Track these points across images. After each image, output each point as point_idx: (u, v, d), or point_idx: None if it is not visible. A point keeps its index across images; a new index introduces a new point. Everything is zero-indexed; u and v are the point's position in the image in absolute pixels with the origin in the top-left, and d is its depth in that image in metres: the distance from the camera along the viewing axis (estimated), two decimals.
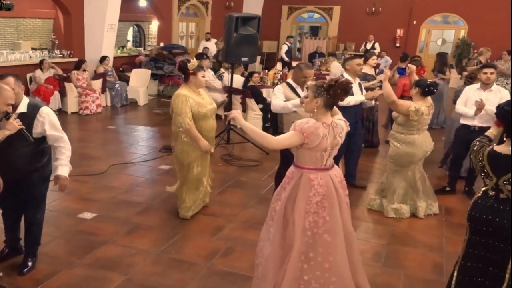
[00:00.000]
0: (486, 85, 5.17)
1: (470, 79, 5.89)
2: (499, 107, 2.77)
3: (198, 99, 4.34)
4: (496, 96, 5.11)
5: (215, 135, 4.70)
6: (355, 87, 5.36)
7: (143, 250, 3.96)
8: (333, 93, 2.84)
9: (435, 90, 4.62)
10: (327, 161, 2.94)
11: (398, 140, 4.72)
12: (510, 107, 2.69)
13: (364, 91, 5.54)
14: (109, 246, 4.00)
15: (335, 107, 3.05)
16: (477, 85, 5.30)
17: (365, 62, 6.85)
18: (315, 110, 2.89)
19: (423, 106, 4.54)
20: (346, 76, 5.40)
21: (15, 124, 3.09)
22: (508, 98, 4.95)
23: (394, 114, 4.82)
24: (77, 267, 3.65)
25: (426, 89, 4.57)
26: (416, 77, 5.08)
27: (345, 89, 2.85)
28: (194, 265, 3.75)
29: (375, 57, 7.32)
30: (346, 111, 5.27)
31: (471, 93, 5.25)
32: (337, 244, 2.90)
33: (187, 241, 4.17)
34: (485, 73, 5.14)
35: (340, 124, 2.99)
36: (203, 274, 3.64)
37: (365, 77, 6.57)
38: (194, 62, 4.33)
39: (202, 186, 4.62)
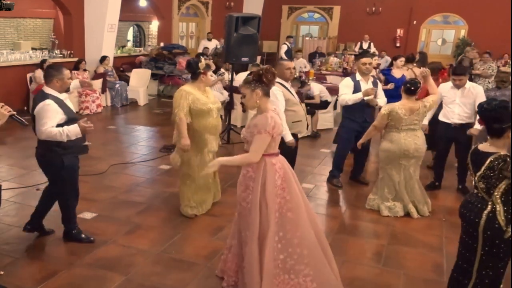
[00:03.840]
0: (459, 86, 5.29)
1: (503, 82, 5.82)
2: (480, 106, 2.85)
3: (201, 96, 4.36)
4: (471, 92, 5.24)
5: (218, 134, 4.69)
6: (366, 87, 5.33)
7: (143, 250, 3.96)
8: (266, 80, 3.07)
9: (412, 88, 4.66)
10: (277, 145, 3.18)
11: (382, 136, 4.90)
12: (490, 106, 2.76)
13: (381, 91, 5.54)
14: (109, 246, 4.00)
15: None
16: (450, 83, 5.37)
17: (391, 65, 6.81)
18: (258, 101, 3.08)
19: (398, 106, 4.65)
20: (357, 76, 5.42)
21: (3, 112, 2.98)
22: (483, 94, 5.19)
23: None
24: (77, 267, 3.65)
25: (408, 90, 4.67)
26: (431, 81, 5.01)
27: (272, 72, 3.11)
28: (194, 265, 3.76)
29: (403, 58, 7.13)
30: (355, 110, 5.32)
31: (446, 91, 5.34)
32: (300, 220, 3.12)
33: (187, 241, 4.17)
34: (454, 80, 5.26)
35: (279, 109, 3.31)
36: (203, 274, 3.64)
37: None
38: (203, 62, 4.42)
39: (209, 186, 4.61)
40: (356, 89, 5.33)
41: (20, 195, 5.02)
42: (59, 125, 3.59)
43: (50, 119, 3.57)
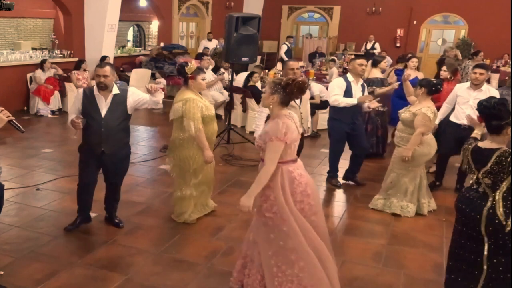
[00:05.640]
0: (475, 85, 5.21)
1: None
2: (480, 103, 2.89)
3: (204, 102, 4.29)
4: (486, 95, 5.05)
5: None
6: (356, 88, 5.36)
7: (143, 250, 3.96)
8: (289, 91, 2.97)
9: (441, 89, 4.71)
10: (295, 152, 3.08)
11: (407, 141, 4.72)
12: (489, 104, 2.81)
13: (366, 93, 5.53)
14: (109, 246, 4.00)
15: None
16: (467, 84, 5.35)
17: (374, 65, 6.76)
18: (271, 106, 3.01)
19: (434, 108, 4.66)
20: (349, 76, 5.39)
21: (2, 117, 2.98)
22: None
23: (403, 116, 4.79)
24: (77, 267, 3.65)
25: (433, 88, 4.65)
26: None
27: (301, 88, 2.99)
28: (195, 265, 3.76)
29: (414, 59, 7.03)
30: (342, 112, 5.31)
31: (461, 91, 5.32)
32: (320, 224, 3.14)
33: (187, 241, 4.17)
34: (475, 72, 5.19)
35: (294, 114, 3.15)
36: (204, 274, 3.64)
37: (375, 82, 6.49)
38: (192, 65, 4.24)
39: (208, 189, 4.54)
40: (348, 90, 5.29)
41: (20, 195, 5.01)
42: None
43: (71, 105, 4.17)
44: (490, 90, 5.21)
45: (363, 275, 3.71)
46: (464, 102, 5.26)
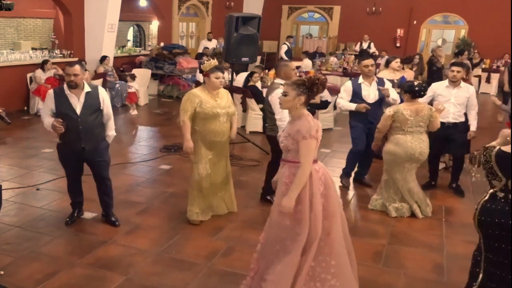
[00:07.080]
0: (454, 83, 5.30)
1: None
2: None
3: (209, 99, 4.26)
4: (466, 92, 5.31)
5: (227, 140, 4.50)
6: (370, 89, 5.38)
7: (143, 250, 3.96)
8: (316, 90, 2.99)
9: (422, 93, 4.71)
10: (316, 151, 3.07)
11: (387, 138, 4.85)
12: None
13: (391, 89, 5.53)
14: (109, 246, 4.00)
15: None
16: (446, 82, 5.42)
17: (386, 65, 6.70)
18: (298, 107, 2.98)
19: (403, 108, 4.64)
20: (360, 78, 5.44)
21: None
22: (475, 94, 5.25)
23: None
24: (77, 267, 3.65)
25: (416, 94, 4.68)
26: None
27: (324, 85, 3.03)
28: (194, 265, 3.76)
29: (398, 59, 6.95)
30: (356, 114, 5.34)
31: (440, 90, 5.39)
32: (333, 229, 3.00)
33: (187, 241, 4.17)
34: (453, 70, 5.29)
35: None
36: (203, 274, 3.64)
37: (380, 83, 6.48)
38: (208, 63, 4.24)
39: (205, 191, 4.47)
40: (356, 92, 5.37)
41: (20, 195, 5.02)
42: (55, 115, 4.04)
43: (44, 106, 4.24)
44: (468, 87, 5.38)
45: (363, 275, 3.69)
46: (446, 101, 5.30)
